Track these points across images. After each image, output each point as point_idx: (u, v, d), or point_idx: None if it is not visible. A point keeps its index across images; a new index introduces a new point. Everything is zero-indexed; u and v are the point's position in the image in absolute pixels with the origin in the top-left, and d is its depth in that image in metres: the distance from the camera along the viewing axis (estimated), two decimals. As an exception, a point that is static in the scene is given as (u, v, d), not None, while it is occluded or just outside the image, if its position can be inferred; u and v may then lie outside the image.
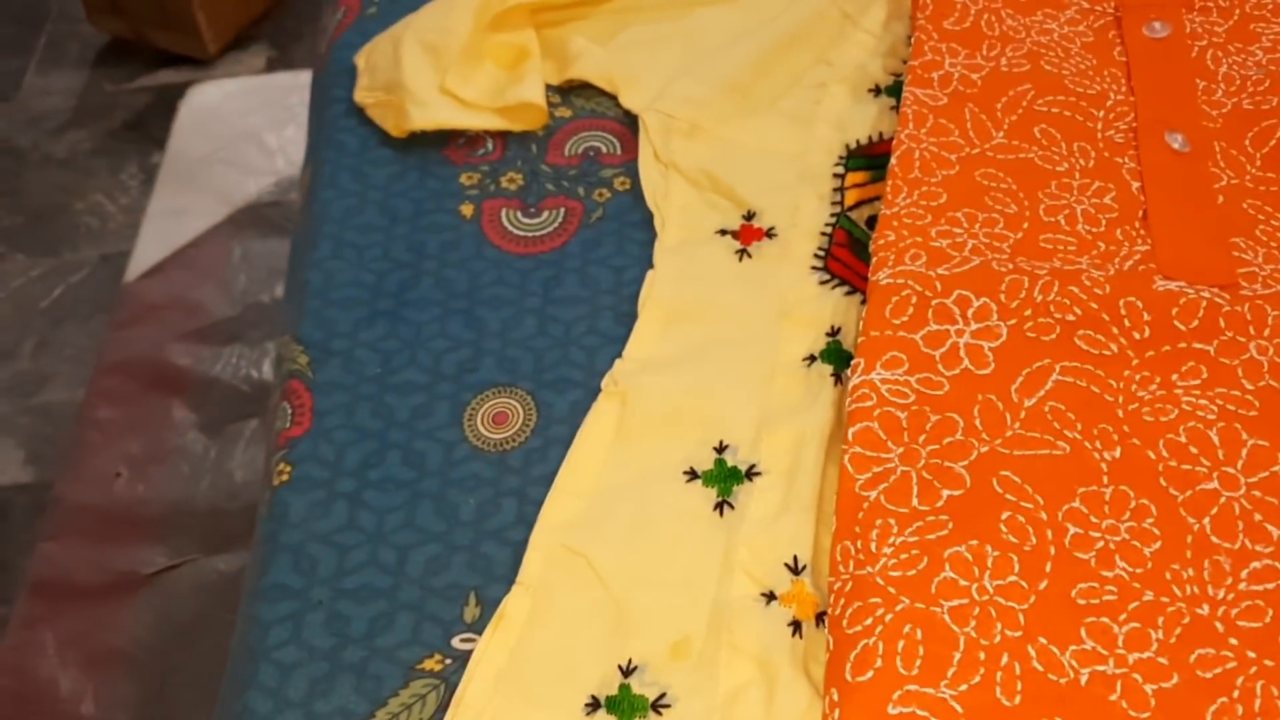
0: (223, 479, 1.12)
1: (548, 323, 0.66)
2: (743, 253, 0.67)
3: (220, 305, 1.24)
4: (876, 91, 0.74)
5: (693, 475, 0.58)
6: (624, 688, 0.51)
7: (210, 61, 1.53)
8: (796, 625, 0.52)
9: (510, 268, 0.69)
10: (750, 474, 0.57)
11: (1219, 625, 0.48)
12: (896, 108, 0.72)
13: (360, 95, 0.76)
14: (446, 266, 0.69)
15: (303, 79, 1.44)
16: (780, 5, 0.79)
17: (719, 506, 0.57)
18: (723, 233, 0.68)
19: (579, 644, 0.53)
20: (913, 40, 0.72)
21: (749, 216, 0.68)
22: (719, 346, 0.63)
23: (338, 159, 0.75)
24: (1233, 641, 0.48)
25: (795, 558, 0.54)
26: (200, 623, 1.03)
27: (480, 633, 0.54)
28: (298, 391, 0.64)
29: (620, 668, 0.52)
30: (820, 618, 0.52)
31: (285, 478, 0.61)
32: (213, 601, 1.04)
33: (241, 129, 1.35)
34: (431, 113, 0.73)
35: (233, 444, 1.14)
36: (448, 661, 0.54)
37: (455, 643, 0.55)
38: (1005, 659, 0.47)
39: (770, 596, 0.53)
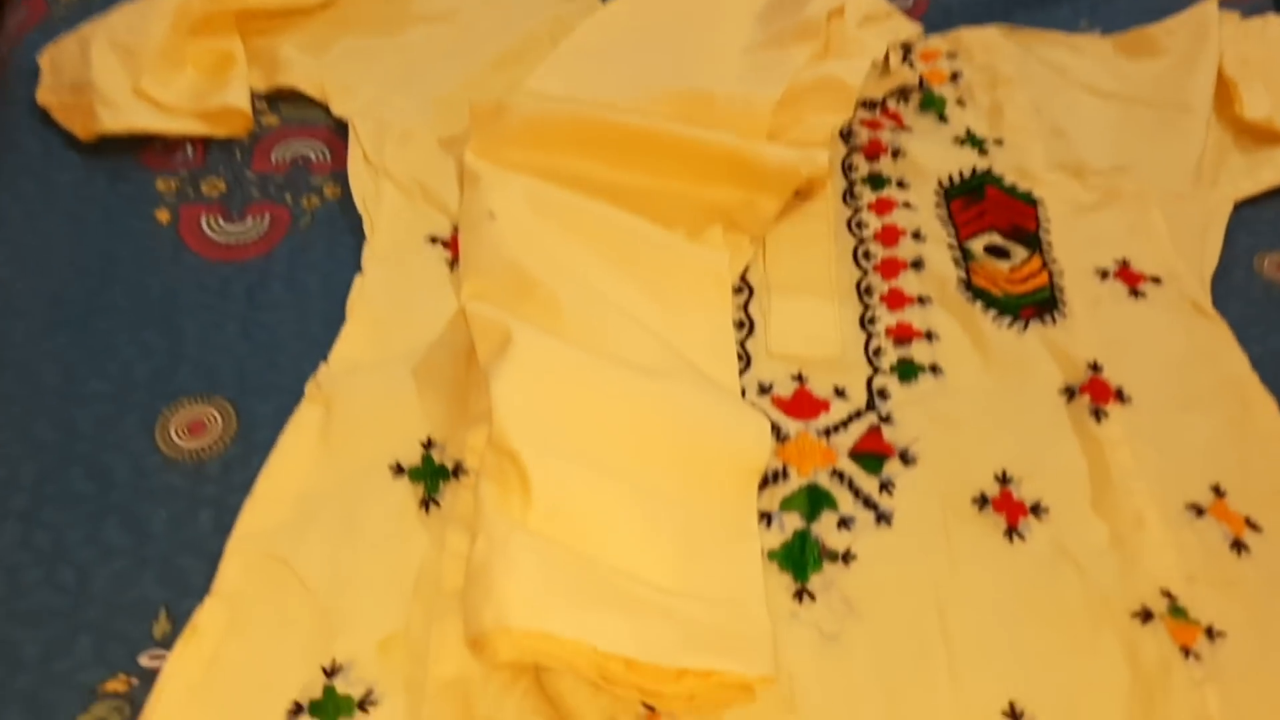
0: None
1: (252, 329, 0.64)
2: (453, 262, 0.67)
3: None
4: (585, 109, 0.76)
5: (399, 470, 0.57)
6: (328, 689, 0.49)
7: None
8: (506, 614, 0.52)
9: (211, 274, 0.66)
10: (456, 472, 0.57)
11: None
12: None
13: (43, 95, 0.72)
14: (140, 273, 0.65)
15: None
16: (492, 27, 0.81)
17: (425, 504, 0.56)
18: (433, 240, 0.68)
19: (280, 651, 0.51)
20: None
21: (461, 225, 0.69)
22: (428, 350, 0.62)
23: (18, 161, 0.70)
24: None
25: (504, 550, 0.54)
26: None
27: (170, 649, 0.51)
28: (-37, 406, 0.59)
29: (324, 669, 0.50)
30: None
31: (-54, 498, 0.55)
32: None
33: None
34: (124, 115, 0.70)
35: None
36: (134, 681, 0.50)
37: (143, 660, 0.51)
38: None
39: (480, 589, 0.53)
